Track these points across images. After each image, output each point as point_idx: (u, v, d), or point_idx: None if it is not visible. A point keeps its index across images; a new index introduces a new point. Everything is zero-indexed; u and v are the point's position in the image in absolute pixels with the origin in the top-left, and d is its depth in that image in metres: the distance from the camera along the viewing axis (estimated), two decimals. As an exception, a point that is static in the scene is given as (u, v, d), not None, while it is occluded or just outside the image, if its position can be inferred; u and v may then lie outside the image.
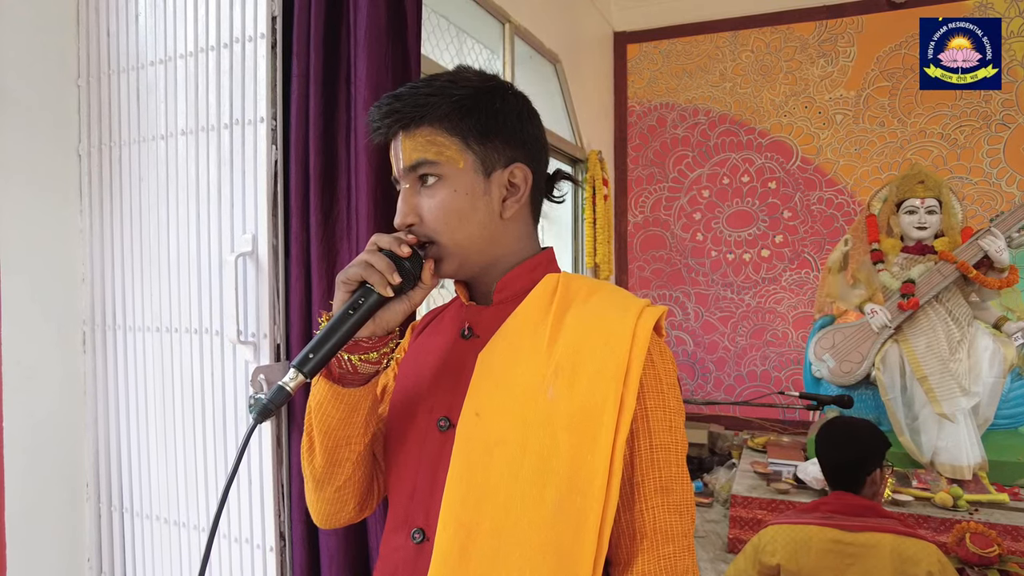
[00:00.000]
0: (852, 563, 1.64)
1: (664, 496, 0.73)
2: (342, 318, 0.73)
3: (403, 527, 0.81)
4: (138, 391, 1.56)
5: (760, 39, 4.46)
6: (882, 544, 1.63)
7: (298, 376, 0.71)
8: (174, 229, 1.50)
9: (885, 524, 1.68)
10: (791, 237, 4.42)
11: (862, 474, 1.78)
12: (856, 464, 1.78)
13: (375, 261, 0.74)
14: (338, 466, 0.84)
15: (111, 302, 1.60)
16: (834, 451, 1.83)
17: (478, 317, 0.84)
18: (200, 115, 1.46)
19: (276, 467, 1.38)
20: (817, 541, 1.68)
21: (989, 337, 3.12)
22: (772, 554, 1.73)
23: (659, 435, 0.74)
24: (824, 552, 1.67)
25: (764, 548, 1.76)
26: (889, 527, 1.67)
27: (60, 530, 1.59)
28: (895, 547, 1.62)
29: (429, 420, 0.81)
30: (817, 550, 1.67)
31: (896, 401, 3.13)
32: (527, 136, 0.82)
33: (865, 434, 1.83)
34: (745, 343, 4.52)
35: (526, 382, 0.75)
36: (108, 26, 1.59)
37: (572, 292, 0.81)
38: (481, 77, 0.81)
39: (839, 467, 1.82)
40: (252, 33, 1.39)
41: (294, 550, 1.39)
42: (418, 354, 0.89)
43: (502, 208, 0.80)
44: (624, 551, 0.74)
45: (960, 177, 4.04)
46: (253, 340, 1.39)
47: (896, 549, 1.61)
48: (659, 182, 4.71)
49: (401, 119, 0.77)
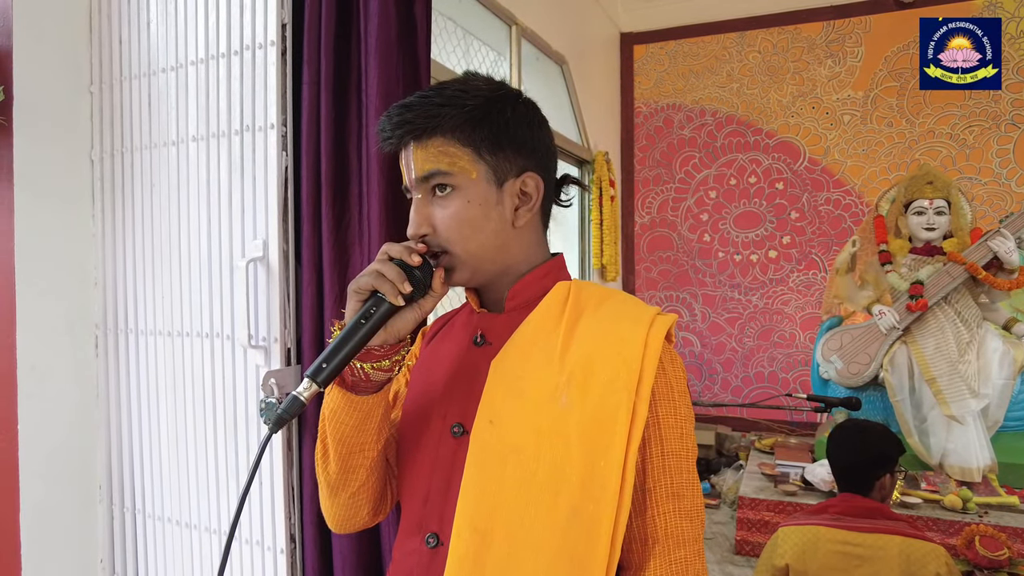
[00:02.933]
0: (860, 564, 1.64)
1: (675, 502, 0.74)
2: (354, 328, 0.74)
3: (417, 532, 0.82)
4: (150, 394, 1.58)
5: (767, 39, 4.46)
6: (890, 546, 1.63)
7: (312, 386, 0.72)
8: (185, 234, 1.51)
9: (893, 526, 1.68)
10: (798, 238, 4.41)
11: (871, 478, 1.78)
12: (864, 467, 1.79)
13: (386, 270, 0.75)
14: (352, 472, 0.85)
15: (123, 306, 1.62)
16: (843, 453, 1.84)
17: (490, 324, 0.85)
18: (211, 121, 1.47)
19: (287, 470, 1.39)
20: (825, 542, 1.69)
21: (999, 339, 3.10)
22: (781, 556, 1.74)
23: (670, 442, 0.75)
24: (831, 553, 1.67)
25: (775, 550, 1.77)
26: (897, 529, 1.67)
27: (73, 531, 1.60)
28: (903, 549, 1.62)
29: (443, 426, 0.82)
30: (824, 551, 1.68)
31: (904, 403, 3.12)
32: (538, 144, 0.83)
33: (875, 438, 1.83)
34: (752, 344, 4.51)
35: (539, 390, 0.75)
36: (120, 33, 1.60)
37: (584, 300, 0.81)
38: (491, 85, 0.81)
39: (847, 469, 1.82)
40: (262, 40, 1.40)
41: (305, 552, 1.40)
42: (430, 361, 0.90)
43: (514, 217, 0.81)
44: (636, 556, 0.75)
45: (969, 178, 4.02)
46: (264, 344, 1.40)
47: (904, 551, 1.62)
48: (666, 183, 4.71)
49: (413, 130, 0.78)
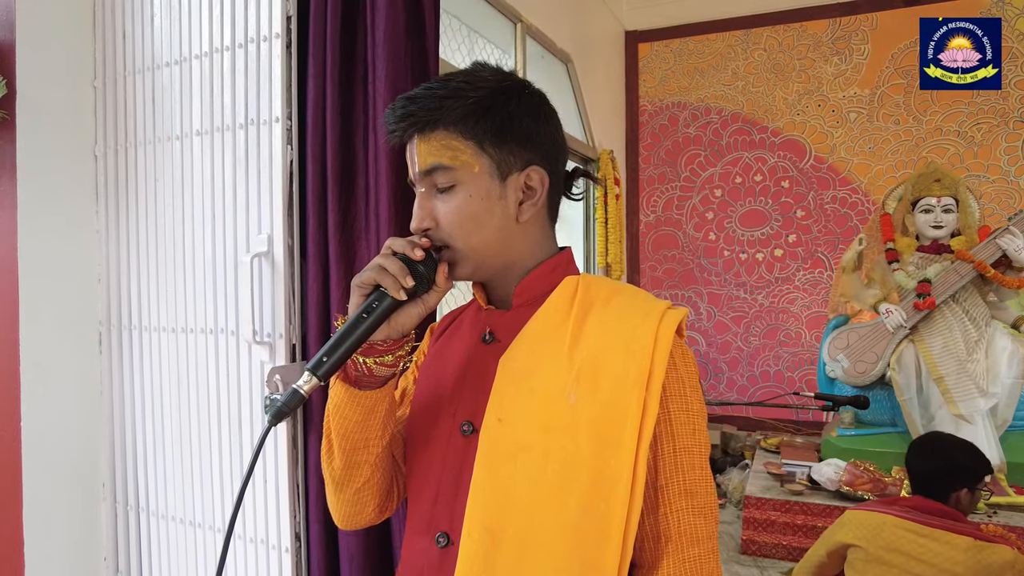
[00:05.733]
0: (925, 550, 1.65)
1: (688, 499, 0.73)
2: (356, 322, 0.73)
3: (426, 531, 0.81)
4: (154, 391, 1.57)
5: (773, 37, 4.43)
6: (958, 540, 1.64)
7: (312, 379, 0.71)
8: (190, 229, 1.50)
9: (964, 528, 1.68)
10: (804, 236, 4.38)
11: (947, 488, 1.78)
12: (941, 476, 1.80)
13: (388, 265, 0.74)
14: (356, 468, 0.84)
15: (127, 302, 1.61)
16: (921, 459, 1.87)
17: (498, 321, 0.84)
18: (215, 115, 1.46)
19: (292, 468, 1.38)
20: (891, 527, 1.71)
21: (1007, 337, 3.08)
22: (845, 534, 1.78)
23: (682, 438, 0.74)
24: (898, 537, 1.69)
25: (840, 528, 1.81)
26: (968, 531, 1.66)
27: (77, 529, 1.59)
28: (973, 543, 1.63)
29: (452, 424, 0.81)
30: (890, 534, 1.70)
31: (912, 402, 3.10)
32: (543, 137, 0.81)
33: (958, 449, 1.85)
34: (758, 343, 4.49)
35: (548, 388, 0.74)
36: (124, 28, 1.59)
37: (592, 295, 0.80)
38: (497, 76, 0.80)
39: (924, 476, 1.84)
40: (267, 33, 1.39)
41: (311, 551, 1.39)
42: (439, 358, 0.89)
43: (518, 212, 0.80)
44: (649, 555, 0.74)
45: (977, 175, 4.00)
46: (269, 340, 1.39)
47: (975, 544, 1.62)
48: (671, 181, 4.69)
49: (416, 122, 0.76)
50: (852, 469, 2.89)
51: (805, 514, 2.85)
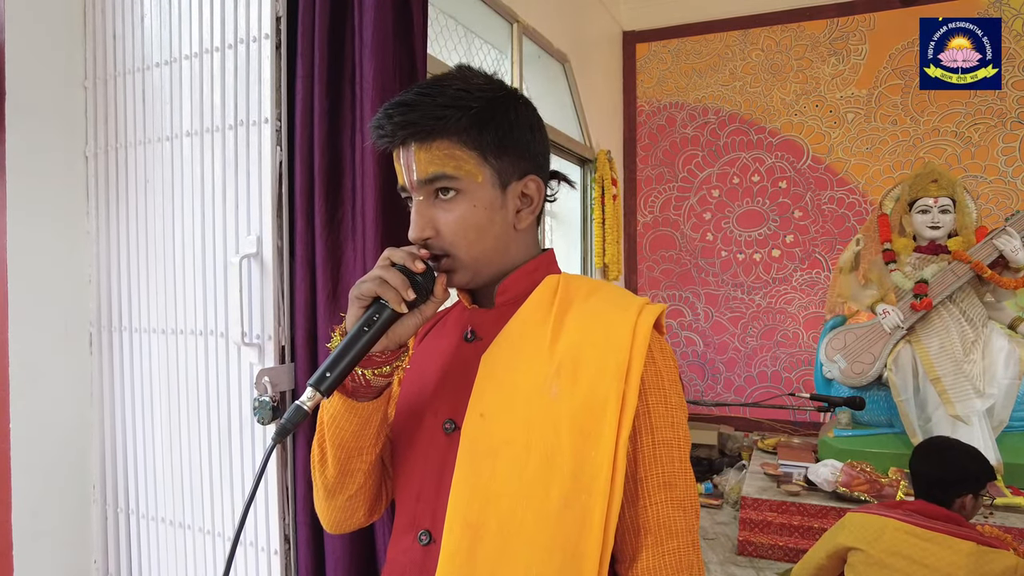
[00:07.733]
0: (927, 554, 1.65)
1: (667, 492, 0.74)
2: (357, 335, 0.73)
3: (410, 530, 0.81)
4: (144, 393, 1.56)
5: (770, 37, 4.43)
6: (960, 544, 1.63)
7: (315, 395, 0.71)
8: (179, 231, 1.50)
9: (966, 533, 1.67)
10: (802, 237, 4.38)
11: (952, 494, 1.78)
12: (947, 482, 1.79)
13: (389, 277, 0.73)
14: (350, 476, 0.84)
15: (117, 304, 1.60)
16: (926, 465, 1.87)
17: (481, 320, 0.84)
18: (205, 116, 1.45)
19: (281, 471, 1.38)
20: (892, 530, 1.71)
21: (1004, 338, 3.07)
22: (846, 536, 1.78)
23: (661, 431, 0.75)
24: (899, 540, 1.69)
25: (840, 530, 1.81)
26: (971, 536, 1.66)
27: (67, 532, 1.59)
28: (975, 548, 1.62)
29: (435, 423, 0.82)
30: (891, 538, 1.70)
31: (909, 403, 3.09)
32: (538, 147, 0.83)
33: (964, 456, 1.85)
34: (755, 344, 4.49)
35: (529, 382, 0.75)
36: (114, 28, 1.59)
37: (572, 292, 0.81)
38: (492, 85, 0.80)
39: (929, 482, 1.84)
40: (256, 34, 1.38)
41: (299, 553, 1.38)
42: (422, 358, 0.89)
43: (516, 220, 0.81)
44: (629, 547, 0.74)
45: (974, 176, 3.99)
46: (258, 342, 1.39)
47: (976, 548, 1.62)
48: (668, 182, 4.69)
49: (417, 131, 0.76)
50: (849, 470, 2.88)
51: (802, 515, 2.85)
